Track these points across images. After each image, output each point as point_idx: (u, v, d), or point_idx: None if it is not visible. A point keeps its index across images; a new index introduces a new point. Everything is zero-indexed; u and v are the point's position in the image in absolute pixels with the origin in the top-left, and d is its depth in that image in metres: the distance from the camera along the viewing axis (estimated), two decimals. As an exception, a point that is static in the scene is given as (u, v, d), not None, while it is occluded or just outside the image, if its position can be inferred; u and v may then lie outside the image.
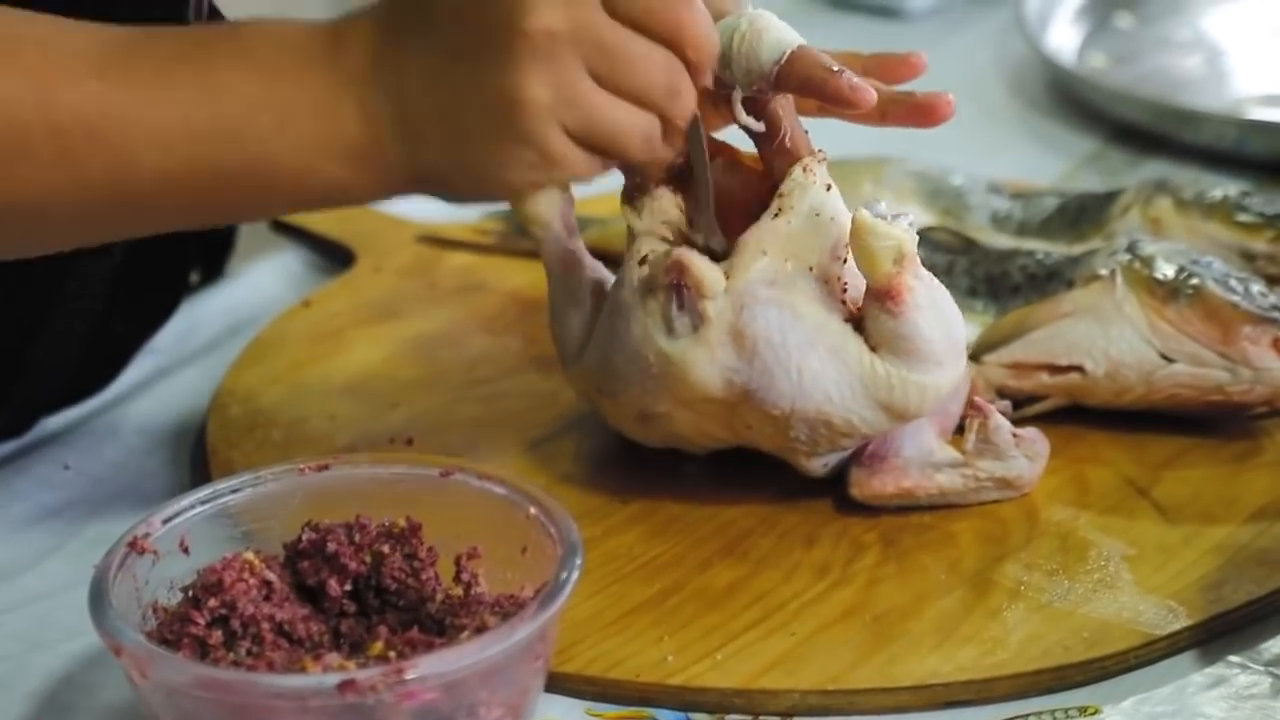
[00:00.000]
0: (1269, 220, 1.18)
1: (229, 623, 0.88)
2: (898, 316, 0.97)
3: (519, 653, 0.86)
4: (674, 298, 0.99)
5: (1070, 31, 1.63)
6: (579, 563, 0.89)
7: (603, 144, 0.93)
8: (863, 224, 0.97)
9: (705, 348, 0.99)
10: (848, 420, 1.00)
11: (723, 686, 0.94)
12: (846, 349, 0.99)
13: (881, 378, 0.99)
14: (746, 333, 0.99)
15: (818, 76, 0.99)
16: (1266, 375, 1.08)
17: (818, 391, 0.99)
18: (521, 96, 0.90)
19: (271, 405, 1.16)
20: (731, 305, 0.99)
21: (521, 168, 0.92)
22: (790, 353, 0.99)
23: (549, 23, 0.90)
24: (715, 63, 0.95)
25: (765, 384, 0.99)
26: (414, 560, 0.92)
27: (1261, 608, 0.98)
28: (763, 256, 0.99)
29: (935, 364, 0.99)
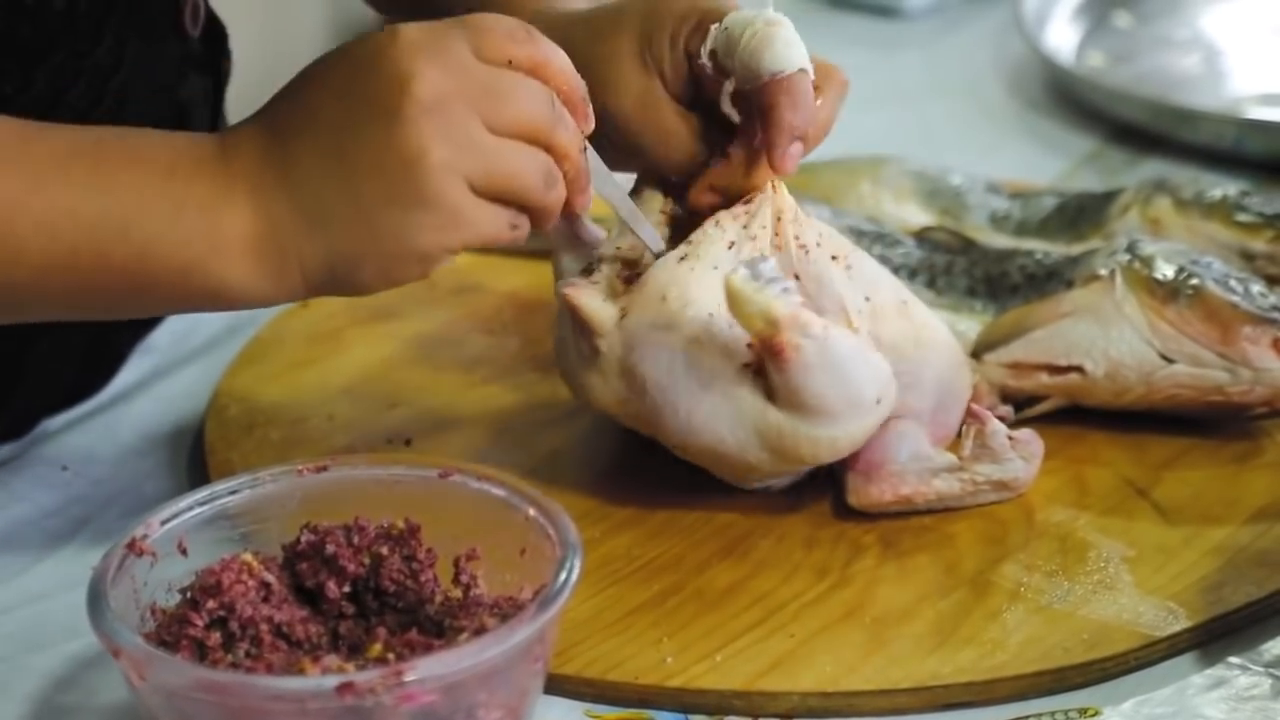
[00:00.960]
0: (1268, 220, 1.18)
1: (227, 624, 0.88)
2: (783, 374, 0.97)
3: (518, 655, 0.86)
4: (575, 326, 1.01)
5: (1068, 30, 1.63)
6: (578, 564, 0.89)
7: (504, 189, 0.92)
8: (730, 290, 0.96)
9: (600, 376, 1.01)
10: (745, 461, 1.01)
11: (722, 688, 0.94)
12: (740, 396, 0.99)
13: (773, 426, 0.99)
14: (636, 370, 1.00)
15: (790, 117, 0.99)
16: (1266, 376, 1.08)
17: (708, 433, 1.00)
18: (420, 156, 0.90)
19: (270, 405, 1.16)
20: (623, 343, 1.00)
21: (430, 232, 0.91)
22: (680, 395, 0.99)
23: (432, 80, 0.90)
24: (585, 93, 0.95)
25: (655, 419, 1.01)
26: (413, 562, 0.92)
27: (1261, 609, 0.98)
28: (661, 301, 0.99)
29: (828, 418, 0.99)
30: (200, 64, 1.18)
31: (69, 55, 1.06)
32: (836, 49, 1.65)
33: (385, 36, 0.91)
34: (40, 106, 1.05)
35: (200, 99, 1.19)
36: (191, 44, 1.16)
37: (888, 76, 1.63)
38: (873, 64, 1.65)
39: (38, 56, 1.05)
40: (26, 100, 1.05)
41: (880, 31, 1.70)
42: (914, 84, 1.62)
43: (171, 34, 1.14)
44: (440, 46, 0.91)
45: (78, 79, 1.07)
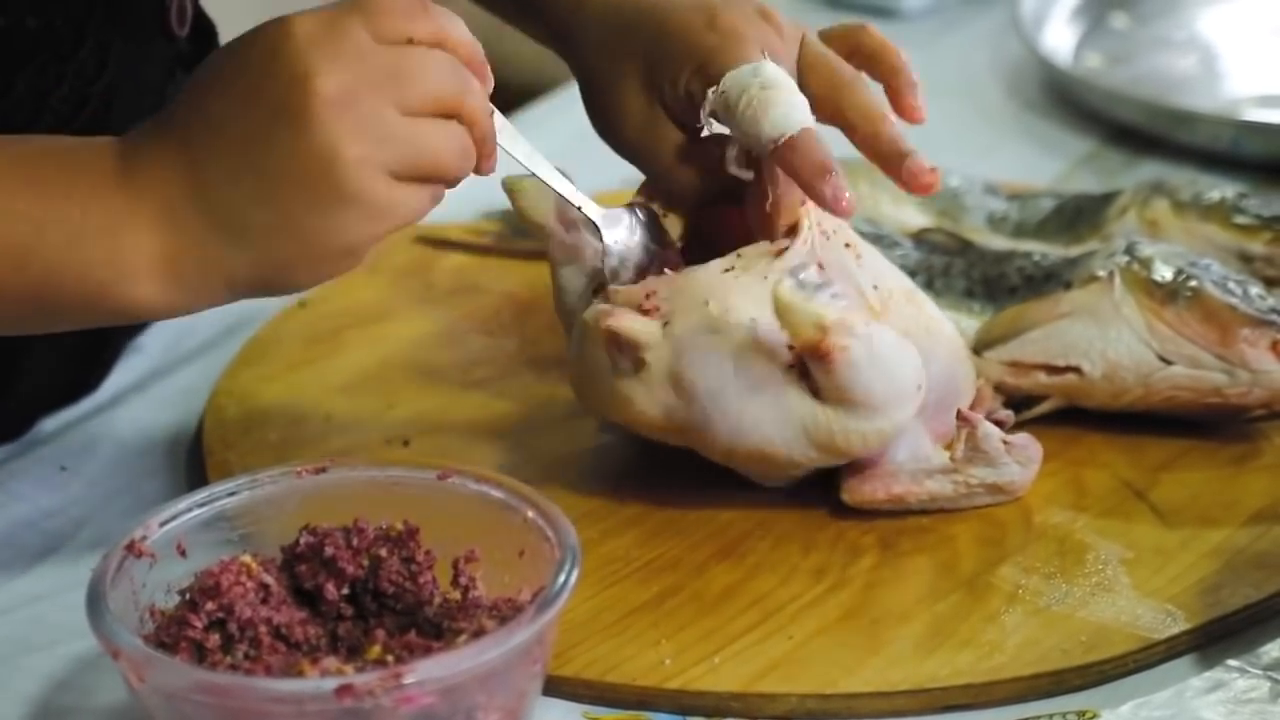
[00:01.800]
0: (1266, 222, 1.18)
1: (226, 626, 0.88)
2: (831, 375, 0.98)
3: (517, 657, 0.86)
4: (613, 345, 1.01)
5: (1066, 32, 1.63)
6: (576, 566, 0.89)
7: (424, 170, 0.89)
8: (780, 302, 0.98)
9: (646, 387, 1.01)
10: (790, 459, 1.01)
11: (720, 690, 0.94)
12: (788, 397, 1.00)
13: (822, 425, 1.00)
14: (685, 377, 1.00)
15: (807, 173, 0.99)
16: (1264, 378, 1.08)
17: (756, 435, 1.00)
18: (337, 155, 0.87)
19: (268, 406, 1.15)
20: (671, 350, 1.00)
21: (356, 226, 0.89)
22: (730, 399, 1.00)
23: (334, 74, 0.87)
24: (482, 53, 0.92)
25: (703, 425, 1.01)
26: (411, 564, 0.92)
27: (1260, 611, 0.98)
28: (705, 306, 0.99)
29: (876, 411, 1.00)
30: (189, 63, 1.18)
31: (50, 59, 1.05)
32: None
33: (277, 32, 0.88)
34: (23, 111, 1.05)
35: None
36: (179, 44, 1.16)
37: (885, 77, 1.63)
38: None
39: (18, 62, 1.04)
40: (8, 105, 1.04)
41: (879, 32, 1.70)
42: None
43: (158, 35, 1.14)
44: (336, 36, 0.88)
45: (60, 83, 1.06)
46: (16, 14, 1.03)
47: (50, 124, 1.06)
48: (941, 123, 1.53)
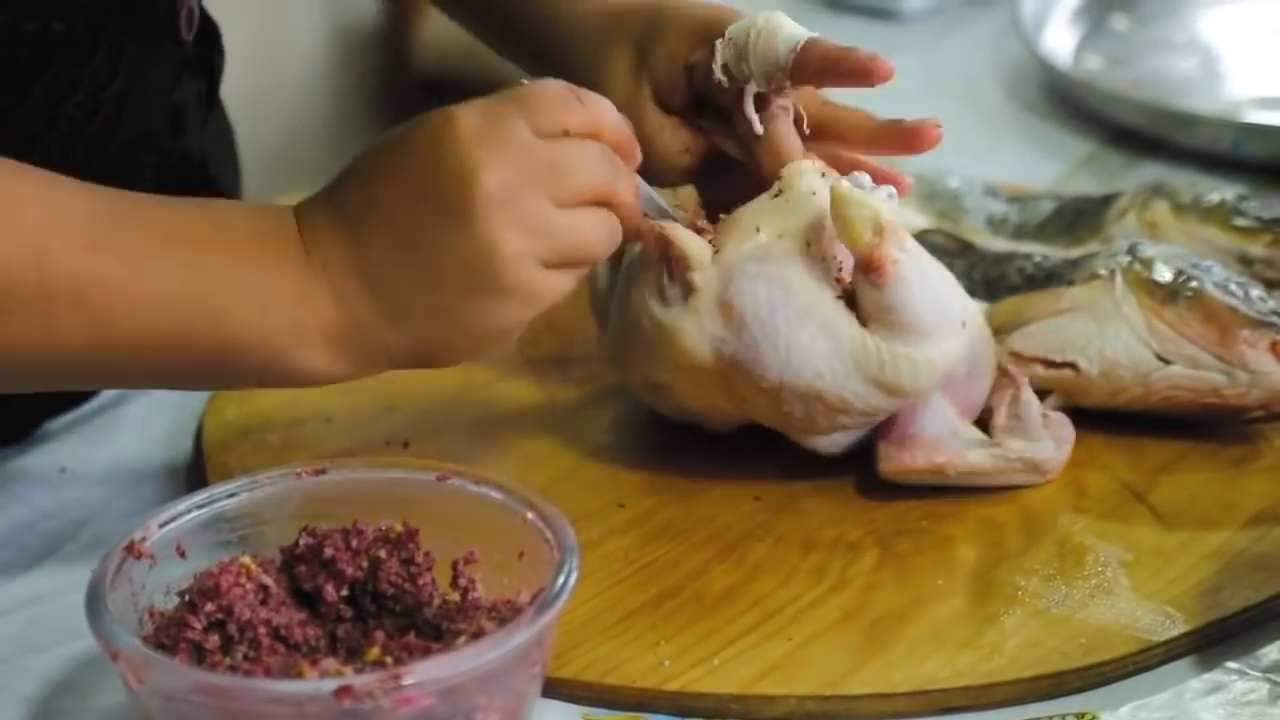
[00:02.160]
0: (1266, 224, 1.18)
1: (225, 627, 0.88)
2: (882, 289, 0.99)
3: (516, 658, 0.86)
4: (664, 269, 1.01)
5: (1066, 33, 1.63)
6: (575, 567, 0.89)
7: (577, 259, 0.93)
8: (839, 194, 0.99)
9: (694, 316, 1.01)
10: (840, 397, 1.01)
11: (719, 692, 0.94)
12: (838, 325, 1.00)
13: (872, 353, 1.00)
14: (734, 305, 1.00)
15: (834, 54, 1.03)
16: (1263, 379, 1.08)
17: (807, 368, 1.00)
18: (497, 251, 0.91)
19: (267, 408, 1.15)
20: (720, 277, 1.00)
21: (511, 314, 0.93)
22: (779, 328, 1.00)
23: (497, 170, 0.90)
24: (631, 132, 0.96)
25: (752, 356, 1.00)
26: (411, 565, 0.92)
27: (1259, 613, 0.98)
28: (756, 233, 1.00)
29: (924, 337, 1.00)
30: (194, 67, 1.18)
31: (66, 65, 1.06)
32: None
33: (443, 125, 0.91)
34: (39, 117, 1.05)
35: (194, 100, 1.19)
36: (186, 48, 1.16)
37: (885, 79, 1.63)
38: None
39: (35, 68, 1.05)
40: (25, 111, 1.04)
41: (878, 34, 1.70)
42: (912, 87, 1.61)
43: (167, 40, 1.14)
44: (497, 130, 0.91)
45: (76, 88, 1.07)
46: (44, 19, 1.03)
47: (65, 129, 1.06)
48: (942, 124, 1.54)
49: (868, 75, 1.03)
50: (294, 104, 2.17)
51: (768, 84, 1.04)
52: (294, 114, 2.17)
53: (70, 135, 1.05)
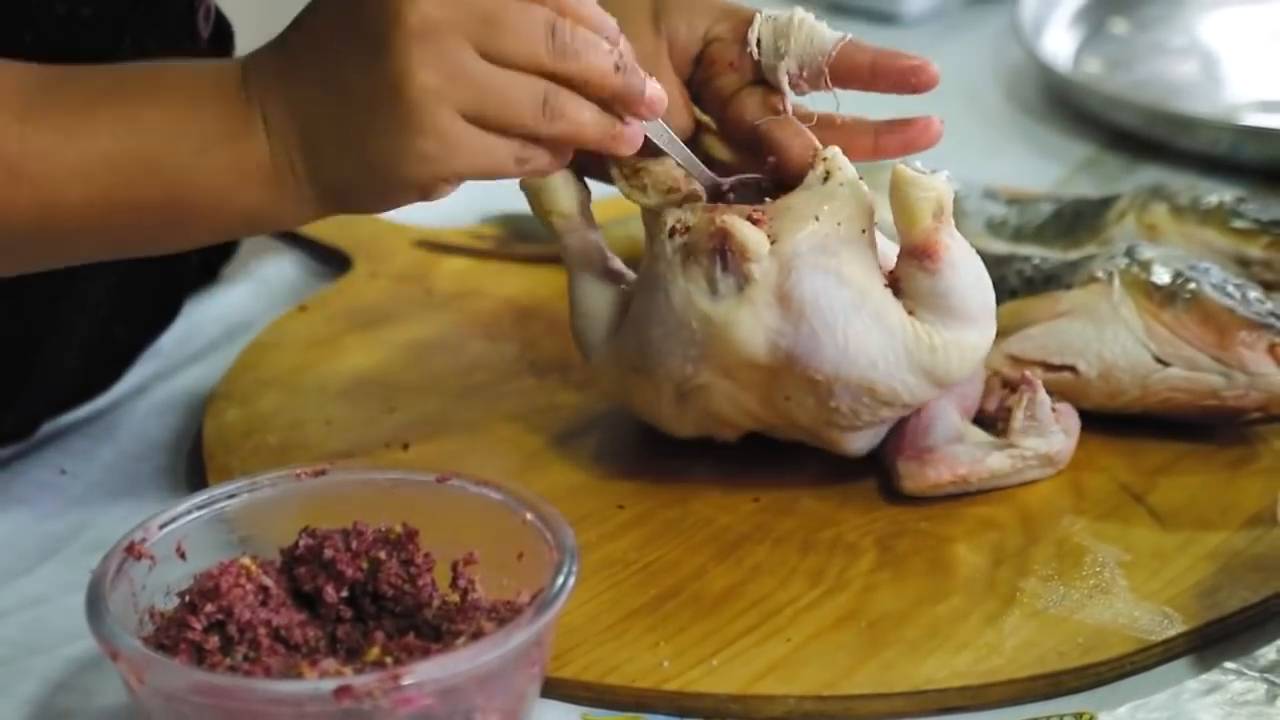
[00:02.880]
0: (1264, 226, 1.18)
1: (225, 628, 0.88)
2: (934, 274, 0.99)
3: (515, 659, 0.86)
4: (718, 261, 1.00)
5: (1066, 37, 1.63)
6: (575, 568, 0.89)
7: (496, 118, 0.91)
8: (904, 176, 0.99)
9: (750, 307, 1.00)
10: (891, 388, 1.01)
11: (718, 692, 0.94)
12: (889, 314, 1.00)
13: (924, 340, 1.00)
14: (793, 295, 0.99)
15: (887, 53, 1.04)
16: (1261, 381, 1.08)
17: (862, 357, 1.00)
18: (408, 83, 0.89)
19: (268, 410, 1.16)
20: (778, 268, 0.99)
21: (420, 160, 0.91)
22: (837, 317, 0.99)
23: (424, 8, 0.89)
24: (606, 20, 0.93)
25: (811, 348, 1.00)
26: (410, 566, 0.92)
27: (1256, 614, 0.98)
28: (814, 221, 1.00)
29: (971, 322, 1.01)
30: None
31: (90, 58, 1.06)
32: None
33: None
34: None
35: None
36: (201, 45, 1.16)
37: (885, 82, 1.63)
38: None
39: (62, 54, 1.05)
40: None
41: (878, 37, 1.68)
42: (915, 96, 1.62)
43: (186, 36, 1.14)
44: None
45: None
46: (74, 1, 1.04)
47: None
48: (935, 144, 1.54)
49: (918, 75, 1.04)
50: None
51: (800, 70, 1.04)
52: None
53: None
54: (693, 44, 1.06)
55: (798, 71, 1.04)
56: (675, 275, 1.01)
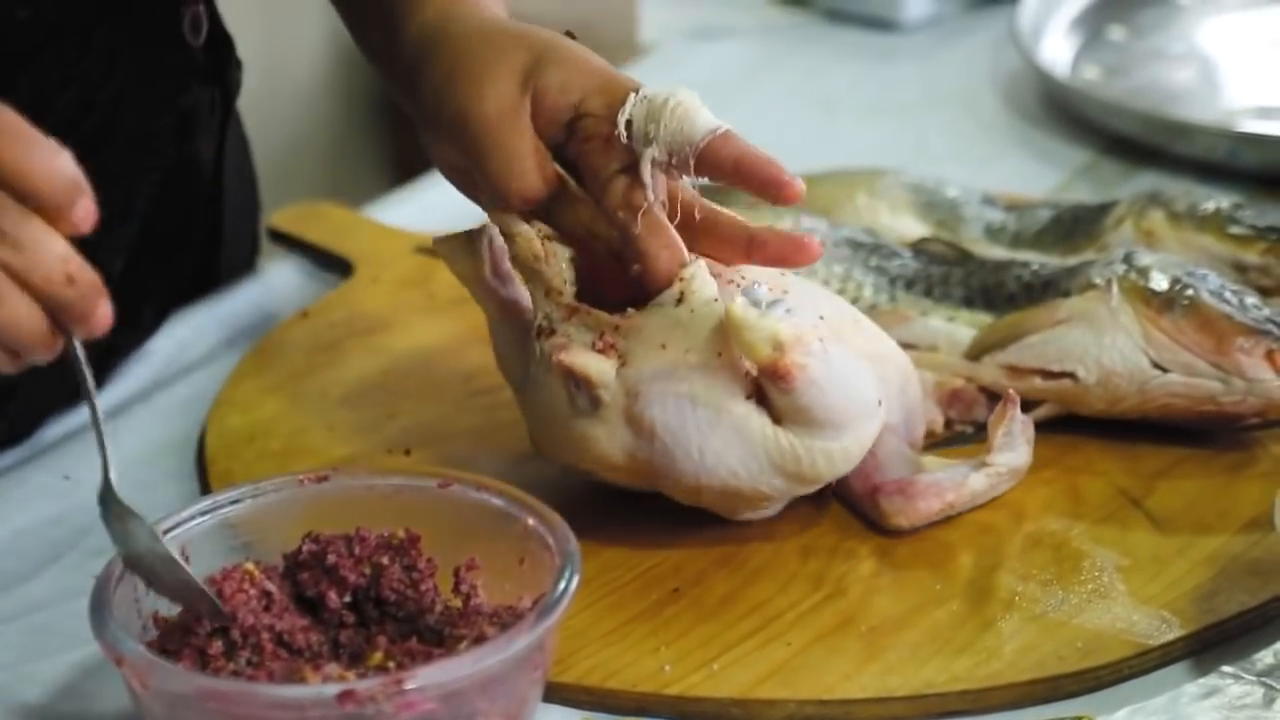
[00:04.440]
0: (1261, 232, 1.19)
1: (229, 633, 0.89)
2: (790, 394, 0.97)
3: (517, 663, 0.87)
4: (570, 381, 1.00)
5: (1064, 44, 1.64)
6: (576, 573, 0.89)
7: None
8: (734, 319, 0.96)
9: (605, 425, 1.00)
10: (757, 490, 1.01)
11: (719, 696, 0.94)
12: (749, 426, 0.99)
13: (787, 450, 0.99)
14: (643, 418, 0.99)
15: (752, 156, 0.98)
16: (1259, 387, 1.08)
17: (722, 469, 1.00)
18: None
19: (270, 416, 1.16)
20: (625, 392, 0.99)
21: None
22: (690, 437, 0.99)
23: None
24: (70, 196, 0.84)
25: (667, 463, 1.00)
26: (413, 572, 0.92)
27: (1254, 618, 0.99)
28: (661, 349, 0.99)
29: (840, 429, 0.99)
30: (204, 74, 1.18)
31: (54, 62, 1.06)
32: (833, 62, 1.67)
33: None
34: (26, 112, 1.05)
35: (206, 109, 1.19)
36: (194, 54, 1.16)
37: (884, 89, 1.64)
38: (869, 77, 1.66)
39: (20, 63, 1.05)
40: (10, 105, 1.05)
41: (877, 44, 1.71)
42: (910, 97, 1.63)
43: (171, 44, 1.14)
44: None
45: (66, 86, 1.07)
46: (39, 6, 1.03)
47: (54, 126, 1.06)
48: (940, 134, 1.55)
49: (779, 189, 0.98)
50: (298, 113, 2.17)
51: (669, 157, 0.99)
52: (298, 122, 2.18)
53: (60, 133, 1.05)
54: (563, 109, 1.01)
55: (666, 158, 0.99)
56: (544, 376, 1.02)
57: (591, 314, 1.00)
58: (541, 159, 1.02)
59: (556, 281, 1.02)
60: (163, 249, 1.22)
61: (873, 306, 1.15)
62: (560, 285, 1.02)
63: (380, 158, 2.30)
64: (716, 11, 1.78)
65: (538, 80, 1.01)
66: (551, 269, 1.02)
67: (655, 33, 1.78)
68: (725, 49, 1.70)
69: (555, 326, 1.01)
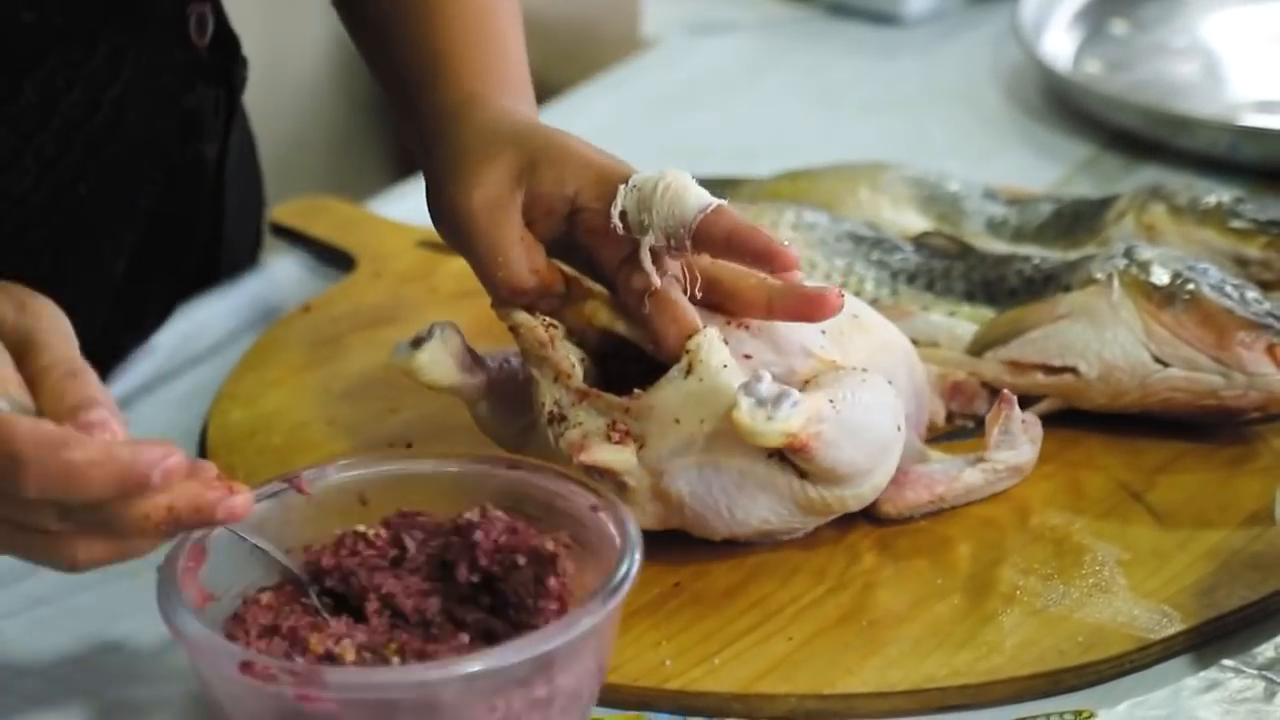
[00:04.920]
0: (1262, 226, 1.19)
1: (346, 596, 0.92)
2: (813, 462, 0.98)
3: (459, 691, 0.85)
4: (594, 474, 0.99)
5: (1066, 38, 1.64)
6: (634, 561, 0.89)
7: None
8: (742, 428, 0.96)
9: (634, 505, 1.00)
10: (790, 527, 1.02)
11: (720, 691, 0.94)
12: (775, 484, 0.99)
13: (817, 500, 1.00)
14: (669, 493, 1.00)
15: (745, 230, 0.98)
16: (1260, 381, 1.08)
17: (754, 520, 1.00)
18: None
19: (272, 410, 1.16)
20: (649, 473, 1.00)
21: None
22: (718, 499, 1.00)
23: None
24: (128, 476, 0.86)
25: (700, 525, 1.01)
26: (540, 585, 0.91)
27: (1255, 612, 0.99)
28: (675, 424, 0.99)
29: (864, 475, 1.00)
30: (209, 74, 1.18)
31: (60, 64, 1.06)
32: (835, 57, 1.67)
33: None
34: (32, 114, 1.06)
35: (211, 108, 1.19)
36: (199, 54, 1.16)
37: (886, 83, 1.64)
38: (871, 71, 1.66)
39: (26, 66, 1.05)
40: (16, 109, 1.05)
41: (878, 39, 1.71)
42: (912, 91, 1.62)
43: (176, 44, 1.14)
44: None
45: (71, 87, 1.07)
46: (44, 10, 1.03)
47: (60, 127, 1.06)
48: (942, 128, 1.55)
49: (772, 258, 0.98)
50: (301, 108, 2.17)
51: (667, 240, 0.99)
52: (301, 117, 2.18)
53: (65, 134, 1.06)
54: (560, 203, 1.01)
55: (664, 242, 0.99)
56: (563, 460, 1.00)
57: (601, 398, 1.00)
58: (531, 252, 1.02)
59: (564, 365, 1.02)
60: (166, 248, 1.22)
61: (874, 301, 1.15)
62: (568, 369, 1.02)
63: (383, 152, 2.30)
64: (718, 6, 1.78)
65: (531, 177, 1.01)
66: (559, 354, 1.02)
67: (657, 28, 1.77)
68: (727, 44, 1.70)
69: (566, 413, 1.01)
